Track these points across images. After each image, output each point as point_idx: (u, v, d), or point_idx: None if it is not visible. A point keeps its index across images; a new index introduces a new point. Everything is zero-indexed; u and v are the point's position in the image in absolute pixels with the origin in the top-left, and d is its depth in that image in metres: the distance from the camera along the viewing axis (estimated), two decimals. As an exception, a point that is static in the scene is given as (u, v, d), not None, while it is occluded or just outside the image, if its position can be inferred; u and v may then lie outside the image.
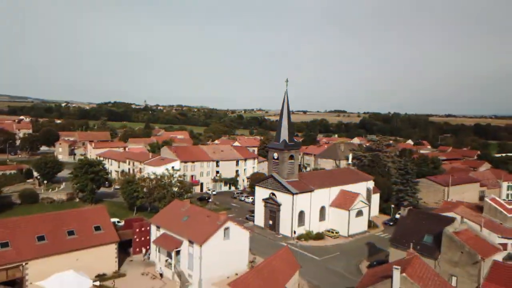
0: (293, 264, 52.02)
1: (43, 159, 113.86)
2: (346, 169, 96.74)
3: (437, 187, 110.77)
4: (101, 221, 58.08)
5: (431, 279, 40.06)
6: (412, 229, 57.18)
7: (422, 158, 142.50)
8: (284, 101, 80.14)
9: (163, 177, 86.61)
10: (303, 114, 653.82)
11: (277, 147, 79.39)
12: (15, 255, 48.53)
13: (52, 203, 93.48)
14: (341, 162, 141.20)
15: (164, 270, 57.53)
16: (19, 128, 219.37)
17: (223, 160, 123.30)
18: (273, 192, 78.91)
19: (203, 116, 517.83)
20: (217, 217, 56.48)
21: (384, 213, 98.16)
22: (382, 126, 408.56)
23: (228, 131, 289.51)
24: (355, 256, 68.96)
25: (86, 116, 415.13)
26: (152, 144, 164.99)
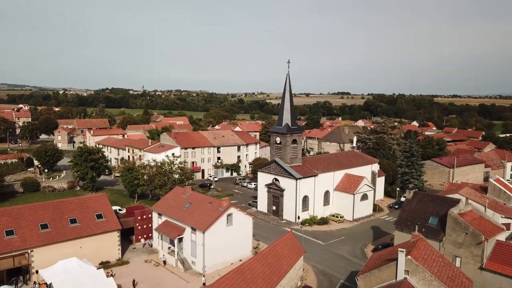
0: (297, 249, 51.33)
1: (43, 147, 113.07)
2: (351, 152, 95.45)
3: (442, 169, 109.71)
4: (103, 209, 57.88)
5: (435, 261, 40.20)
6: (417, 212, 57.39)
7: (427, 139, 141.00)
8: (286, 83, 78.34)
9: (163, 164, 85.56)
10: (305, 96, 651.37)
11: (280, 131, 77.96)
12: (20, 242, 48.97)
13: (53, 191, 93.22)
14: (345, 146, 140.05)
15: (167, 257, 56.96)
16: (18, 116, 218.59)
17: (224, 145, 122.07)
18: (276, 177, 77.83)
19: (203, 101, 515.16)
20: (219, 204, 55.67)
21: (389, 196, 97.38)
22: (386, 107, 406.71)
23: (228, 116, 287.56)
24: (360, 240, 68.33)
25: (84, 103, 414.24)
26: (151, 131, 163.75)
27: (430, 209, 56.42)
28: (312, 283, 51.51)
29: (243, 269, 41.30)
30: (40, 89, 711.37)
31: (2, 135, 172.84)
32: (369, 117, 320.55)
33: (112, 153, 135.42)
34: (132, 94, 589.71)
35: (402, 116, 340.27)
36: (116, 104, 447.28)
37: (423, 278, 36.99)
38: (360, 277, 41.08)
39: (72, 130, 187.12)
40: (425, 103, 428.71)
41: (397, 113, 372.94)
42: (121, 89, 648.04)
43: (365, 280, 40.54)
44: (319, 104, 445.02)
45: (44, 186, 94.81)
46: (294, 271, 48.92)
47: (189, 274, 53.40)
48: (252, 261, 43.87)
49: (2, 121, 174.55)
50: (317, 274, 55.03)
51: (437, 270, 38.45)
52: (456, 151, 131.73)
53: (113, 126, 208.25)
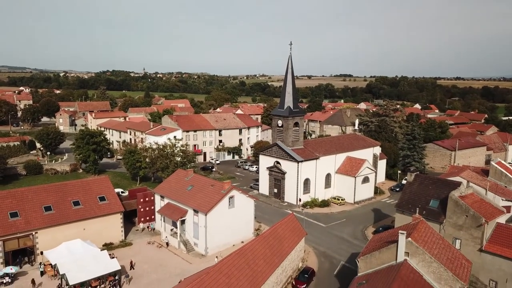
0: (298, 231, 51.78)
1: (45, 130, 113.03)
2: (352, 135, 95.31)
3: (444, 152, 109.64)
4: (105, 192, 58.23)
5: (435, 243, 40.61)
6: (418, 194, 57.63)
7: (429, 122, 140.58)
8: (288, 66, 77.66)
9: (165, 147, 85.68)
10: (307, 79, 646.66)
11: (281, 114, 77.66)
12: (24, 224, 49.53)
13: (56, 174, 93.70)
14: (347, 128, 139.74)
15: (170, 239, 57.57)
16: (19, 99, 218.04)
17: (226, 128, 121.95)
18: (278, 160, 77.95)
19: (204, 83, 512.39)
20: (221, 186, 55.94)
21: (390, 179, 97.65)
22: (389, 90, 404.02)
23: (230, 99, 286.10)
24: (361, 222, 68.85)
25: (85, 85, 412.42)
26: (152, 114, 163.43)
27: (431, 191, 56.66)
28: (313, 265, 52.16)
29: (245, 251, 41.76)
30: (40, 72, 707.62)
31: (4, 118, 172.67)
32: (372, 100, 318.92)
33: (114, 136, 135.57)
34: (133, 76, 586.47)
35: (405, 99, 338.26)
36: (117, 86, 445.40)
37: (423, 259, 37.40)
38: (360, 259, 41.55)
39: (73, 112, 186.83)
40: (428, 86, 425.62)
41: (399, 95, 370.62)
42: (122, 71, 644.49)
43: (366, 261, 41.03)
44: (321, 87, 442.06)
45: (47, 168, 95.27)
46: (295, 252, 49.49)
47: (192, 256, 54.08)
48: (254, 242, 44.31)
49: (3, 104, 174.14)
50: (318, 255, 55.67)
51: (437, 252, 38.83)
52: (458, 134, 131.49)
53: (114, 108, 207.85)
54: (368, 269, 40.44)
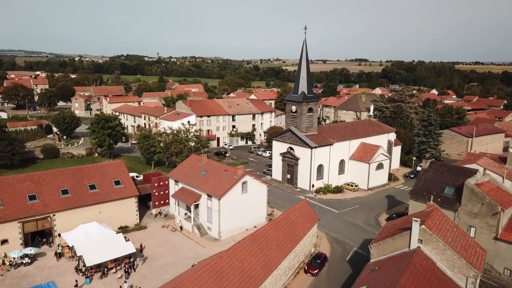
0: (311, 217, 51.89)
1: (61, 114, 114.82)
2: (367, 121, 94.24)
3: (460, 139, 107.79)
4: (121, 176, 59.03)
5: (449, 231, 40.34)
6: (433, 182, 57.06)
7: (446, 108, 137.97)
8: (303, 50, 76.65)
9: (179, 132, 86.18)
10: (322, 63, 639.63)
11: (295, 99, 77.08)
12: (42, 207, 50.65)
13: (72, 158, 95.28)
14: (362, 114, 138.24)
15: (183, 223, 58.35)
16: (36, 83, 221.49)
17: (239, 114, 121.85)
18: (291, 146, 77.73)
19: (218, 68, 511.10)
20: (234, 172, 56.18)
21: (405, 165, 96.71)
22: (405, 75, 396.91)
23: (243, 83, 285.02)
24: (374, 209, 68.58)
25: (99, 70, 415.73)
26: (166, 98, 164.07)
27: (447, 179, 56.03)
28: (325, 250, 52.34)
29: (258, 235, 42.10)
30: (56, 56, 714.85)
31: (21, 102, 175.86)
32: (387, 85, 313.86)
33: (129, 121, 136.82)
34: (147, 61, 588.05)
35: (421, 84, 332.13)
36: (131, 71, 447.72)
37: (437, 247, 37.19)
38: (373, 245, 41.52)
39: (88, 97, 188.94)
40: (446, 71, 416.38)
41: (416, 80, 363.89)
42: (136, 55, 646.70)
43: (378, 248, 40.99)
44: (336, 71, 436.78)
45: (63, 152, 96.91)
46: (307, 238, 49.71)
47: (205, 240, 54.79)
48: (267, 227, 44.61)
49: (21, 88, 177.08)
50: (331, 241, 55.82)
51: (451, 239, 38.54)
52: (476, 120, 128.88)
53: (128, 93, 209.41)
54: (380, 256, 40.42)
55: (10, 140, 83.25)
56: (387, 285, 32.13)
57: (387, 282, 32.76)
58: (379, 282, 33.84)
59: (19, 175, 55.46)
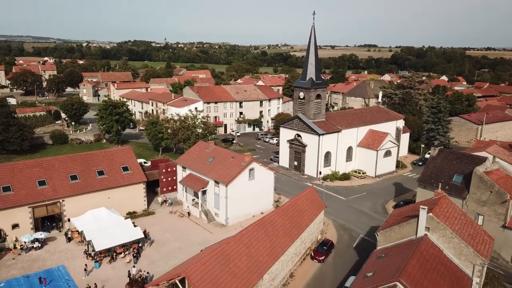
0: (318, 204, 51.95)
1: (69, 100, 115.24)
2: (376, 108, 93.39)
3: (470, 126, 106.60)
4: (129, 162, 59.40)
5: (457, 218, 40.24)
6: (441, 169, 56.77)
7: (456, 95, 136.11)
8: (311, 36, 75.72)
9: (186, 119, 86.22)
10: (331, 49, 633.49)
11: (303, 85, 76.49)
12: (52, 192, 51.30)
13: (80, 144, 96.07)
14: (370, 101, 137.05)
15: (191, 209, 58.80)
16: (44, 69, 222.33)
17: (247, 100, 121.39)
18: (299, 133, 77.44)
19: (225, 54, 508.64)
20: (241, 158, 56.24)
21: (413, 153, 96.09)
22: (415, 61, 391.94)
23: (251, 69, 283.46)
24: (382, 196, 68.44)
25: (107, 55, 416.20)
26: (174, 84, 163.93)
27: (455, 166, 55.66)
28: (332, 237, 52.53)
29: (265, 222, 42.29)
30: (64, 42, 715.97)
31: (30, 88, 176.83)
32: (396, 71, 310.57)
33: (136, 107, 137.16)
34: (155, 46, 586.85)
35: (431, 70, 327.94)
36: (138, 57, 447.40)
37: (444, 235, 37.12)
38: (380, 233, 41.54)
39: (96, 83, 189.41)
40: (456, 57, 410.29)
41: (426, 67, 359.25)
42: (143, 41, 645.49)
43: (385, 235, 41.00)
44: (344, 57, 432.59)
45: (72, 138, 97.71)
46: (314, 225, 49.86)
47: (213, 225, 55.23)
48: (274, 214, 44.78)
49: (29, 74, 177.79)
50: (338, 228, 55.97)
51: (459, 227, 38.42)
52: (486, 107, 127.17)
53: (136, 79, 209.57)
54: (387, 243, 40.47)
55: (20, 126, 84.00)
56: (393, 272, 32.21)
57: (393, 269, 32.83)
58: (386, 269, 33.93)
59: (28, 161, 56.02)
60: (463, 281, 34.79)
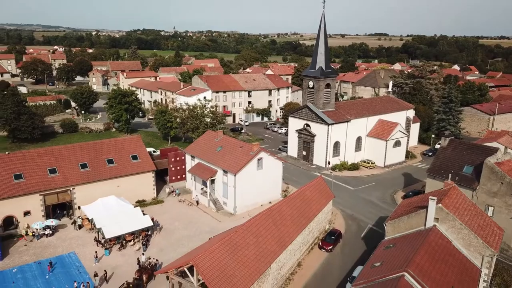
0: (326, 194, 51.92)
1: (79, 89, 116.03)
2: (386, 97, 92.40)
3: (481, 116, 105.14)
4: (138, 151, 59.75)
5: (467, 209, 39.96)
6: (451, 160, 56.25)
7: (468, 85, 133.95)
8: (321, 25, 74.86)
9: (195, 108, 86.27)
10: (341, 38, 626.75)
11: (313, 75, 75.87)
12: (63, 180, 51.89)
13: (90, 132, 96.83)
14: (380, 90, 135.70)
15: (200, 197, 59.16)
16: (54, 58, 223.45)
17: (256, 89, 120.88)
18: (308, 122, 77.06)
19: (234, 42, 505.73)
20: (250, 148, 56.26)
21: (423, 143, 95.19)
22: (426, 50, 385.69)
23: (260, 58, 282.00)
24: (391, 187, 68.10)
25: (116, 44, 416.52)
26: (183, 73, 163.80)
27: (466, 157, 55.12)
28: (340, 227, 52.54)
29: (273, 211, 42.41)
30: (73, 30, 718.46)
31: (40, 77, 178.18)
32: (407, 60, 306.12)
33: (145, 96, 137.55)
34: (164, 35, 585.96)
35: (443, 59, 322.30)
36: (147, 45, 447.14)
37: (453, 226, 36.91)
38: (388, 223, 41.42)
39: (106, 72, 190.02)
40: (469, 45, 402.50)
41: (437, 56, 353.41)
42: (152, 30, 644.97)
43: (394, 226, 40.89)
44: (354, 46, 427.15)
45: (82, 127, 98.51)
46: (322, 214, 49.88)
47: (221, 214, 55.56)
48: (282, 203, 44.85)
49: (39, 63, 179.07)
50: (346, 218, 55.94)
51: (468, 218, 38.15)
52: (499, 97, 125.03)
53: (145, 68, 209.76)
54: (395, 233, 40.37)
55: (30, 115, 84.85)
56: (401, 262, 32.16)
57: (401, 259, 32.78)
58: (394, 259, 33.89)
59: (39, 149, 56.66)
60: (471, 272, 34.64)
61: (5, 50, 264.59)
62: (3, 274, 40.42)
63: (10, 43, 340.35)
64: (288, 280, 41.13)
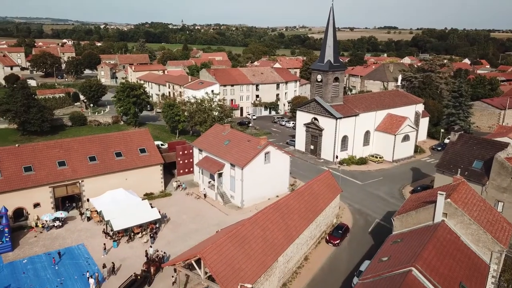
0: (334, 188, 51.77)
1: (87, 82, 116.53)
2: (394, 91, 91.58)
3: (492, 110, 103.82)
4: (146, 144, 59.99)
5: (476, 205, 39.61)
6: (461, 155, 55.74)
7: (478, 79, 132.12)
8: (330, 18, 74.15)
9: (203, 101, 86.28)
10: (349, 31, 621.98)
11: (321, 68, 75.38)
12: (71, 173, 52.34)
13: (99, 125, 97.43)
14: (389, 84, 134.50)
15: (207, 191, 59.36)
16: (63, 51, 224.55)
17: (263, 83, 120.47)
18: (316, 116, 76.71)
19: (242, 36, 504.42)
20: (257, 142, 56.22)
21: (432, 137, 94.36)
22: (436, 43, 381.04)
23: (268, 51, 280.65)
24: (399, 181, 67.72)
25: (124, 38, 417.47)
26: (190, 67, 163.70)
27: (475, 152, 54.59)
28: (348, 221, 52.44)
29: (280, 205, 42.42)
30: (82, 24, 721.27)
31: (49, 70, 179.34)
32: (417, 54, 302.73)
33: (153, 89, 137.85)
34: (172, 28, 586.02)
35: (453, 53, 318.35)
36: (155, 39, 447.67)
37: (462, 221, 36.61)
38: (396, 217, 41.24)
39: (114, 65, 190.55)
40: (480, 39, 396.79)
41: (448, 49, 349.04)
42: (160, 23, 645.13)
43: (401, 220, 40.70)
44: (363, 40, 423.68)
45: (90, 120, 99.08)
46: (330, 209, 49.79)
47: (228, 207, 55.72)
48: (289, 197, 44.83)
49: (49, 56, 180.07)
50: (353, 212, 55.80)
51: (477, 214, 37.81)
52: (510, 92, 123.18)
53: (153, 61, 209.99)
54: (403, 228, 40.20)
55: (40, 108, 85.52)
56: (409, 257, 32.02)
57: (409, 254, 32.63)
58: (401, 254, 33.76)
59: (49, 141, 57.11)
60: (480, 268, 34.40)
61: (14, 44, 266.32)
62: (13, 264, 41.04)
63: (19, 37, 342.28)
64: (295, 273, 41.22)
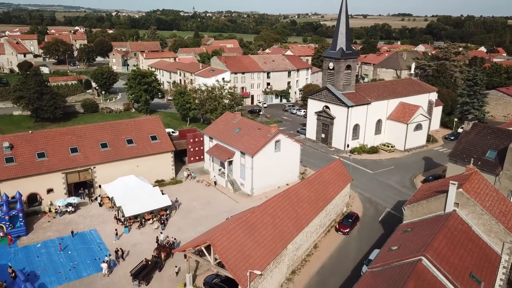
0: (344, 177, 51.54)
1: (99, 70, 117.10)
2: (407, 80, 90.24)
3: (507, 100, 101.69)
4: (157, 131, 60.26)
5: (488, 195, 39.13)
6: (474, 144, 54.87)
7: (494, 67, 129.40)
8: (342, 4, 72.94)
9: (214, 89, 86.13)
10: (363, 18, 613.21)
11: (333, 56, 74.49)
12: (84, 159, 52.93)
13: (110, 112, 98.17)
14: (402, 72, 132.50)
15: (218, 178, 59.61)
16: (75, 39, 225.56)
17: (274, 71, 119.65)
18: (327, 104, 76.09)
19: (253, 23, 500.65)
20: (268, 130, 56.08)
21: (445, 127, 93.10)
22: (452, 31, 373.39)
23: (279, 39, 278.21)
24: (410, 171, 67.12)
25: (136, 25, 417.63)
26: (202, 54, 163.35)
27: (489, 141, 53.68)
28: (358, 210, 52.27)
29: (290, 193, 42.43)
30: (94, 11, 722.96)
31: (62, 58, 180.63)
32: (431, 42, 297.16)
33: (164, 77, 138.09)
34: (183, 16, 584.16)
35: (469, 41, 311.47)
36: (167, 26, 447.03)
37: (474, 211, 36.20)
38: (407, 207, 40.95)
39: (125, 53, 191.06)
40: (497, 26, 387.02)
41: (463, 37, 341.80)
42: (172, 10, 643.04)
43: (412, 210, 40.41)
44: (377, 27, 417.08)
45: (102, 107, 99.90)
46: (340, 197, 49.66)
47: (238, 195, 55.93)
48: (299, 185, 44.78)
49: (61, 44, 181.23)
50: (364, 201, 55.58)
51: (489, 204, 37.33)
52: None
53: (164, 49, 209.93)
54: (414, 218, 39.92)
55: (52, 95, 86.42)
56: (419, 246, 31.84)
57: (419, 244, 32.45)
58: (411, 243, 33.58)
59: (61, 128, 57.77)
60: (491, 258, 34.08)
61: (27, 31, 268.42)
62: (28, 248, 41.95)
63: (32, 24, 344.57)
64: (304, 261, 41.38)
